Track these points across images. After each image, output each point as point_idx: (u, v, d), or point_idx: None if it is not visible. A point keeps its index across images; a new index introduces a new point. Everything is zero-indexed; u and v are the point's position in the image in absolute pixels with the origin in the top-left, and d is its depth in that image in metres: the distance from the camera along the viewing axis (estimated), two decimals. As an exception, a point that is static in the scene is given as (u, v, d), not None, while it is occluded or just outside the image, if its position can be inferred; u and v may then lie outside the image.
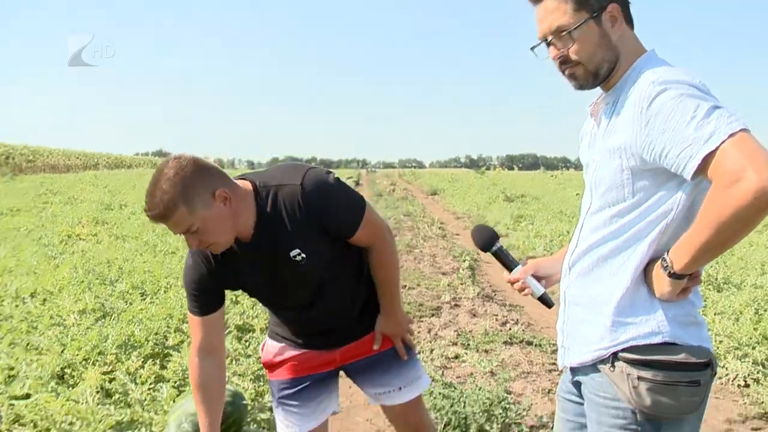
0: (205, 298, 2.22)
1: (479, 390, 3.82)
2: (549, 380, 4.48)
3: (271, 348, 2.45)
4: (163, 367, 4.19)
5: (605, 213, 1.64)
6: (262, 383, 4.00)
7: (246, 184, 2.09)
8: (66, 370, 3.98)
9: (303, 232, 2.09)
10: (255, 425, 3.53)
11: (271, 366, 2.46)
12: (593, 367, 1.68)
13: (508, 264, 2.02)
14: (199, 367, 2.27)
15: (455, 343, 5.34)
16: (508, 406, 3.73)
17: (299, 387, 2.39)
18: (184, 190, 1.89)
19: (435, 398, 3.79)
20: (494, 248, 2.02)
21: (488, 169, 55.81)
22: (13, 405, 3.28)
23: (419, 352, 4.93)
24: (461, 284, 7.42)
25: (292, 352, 2.40)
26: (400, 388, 2.42)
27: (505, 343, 5.33)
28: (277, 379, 2.43)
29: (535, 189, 24.65)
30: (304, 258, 2.12)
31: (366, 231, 2.17)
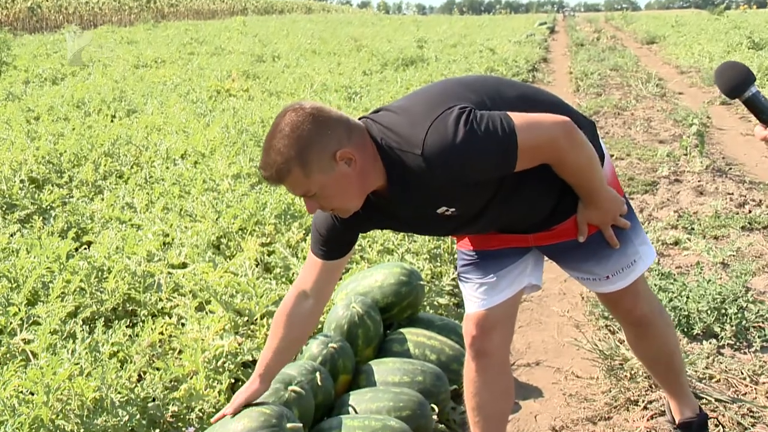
0: (333, 244, 2.28)
1: (707, 283, 3.71)
2: (803, 276, 4.26)
3: None
4: (326, 240, 4.38)
5: None
6: (439, 263, 4.10)
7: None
8: (222, 240, 4.27)
9: (444, 193, 2.06)
10: (432, 311, 3.65)
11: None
12: None
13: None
14: (294, 303, 2.37)
15: (675, 227, 5.21)
16: (746, 305, 3.61)
17: (485, 259, 2.37)
18: (299, 150, 1.91)
19: (650, 291, 3.72)
20: (748, 93, 1.83)
21: (728, 8, 51.12)
22: (171, 273, 3.60)
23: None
24: (685, 155, 7.11)
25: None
26: (608, 277, 2.35)
27: (743, 228, 5.12)
28: (461, 249, 2.44)
29: (797, 31, 22.36)
30: (454, 211, 2.11)
31: (528, 157, 2.02)
